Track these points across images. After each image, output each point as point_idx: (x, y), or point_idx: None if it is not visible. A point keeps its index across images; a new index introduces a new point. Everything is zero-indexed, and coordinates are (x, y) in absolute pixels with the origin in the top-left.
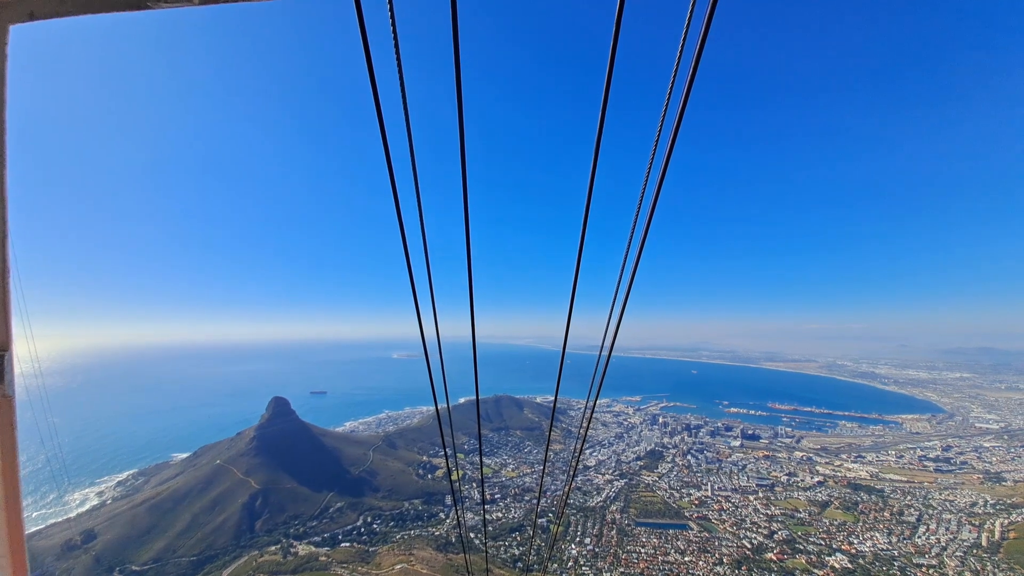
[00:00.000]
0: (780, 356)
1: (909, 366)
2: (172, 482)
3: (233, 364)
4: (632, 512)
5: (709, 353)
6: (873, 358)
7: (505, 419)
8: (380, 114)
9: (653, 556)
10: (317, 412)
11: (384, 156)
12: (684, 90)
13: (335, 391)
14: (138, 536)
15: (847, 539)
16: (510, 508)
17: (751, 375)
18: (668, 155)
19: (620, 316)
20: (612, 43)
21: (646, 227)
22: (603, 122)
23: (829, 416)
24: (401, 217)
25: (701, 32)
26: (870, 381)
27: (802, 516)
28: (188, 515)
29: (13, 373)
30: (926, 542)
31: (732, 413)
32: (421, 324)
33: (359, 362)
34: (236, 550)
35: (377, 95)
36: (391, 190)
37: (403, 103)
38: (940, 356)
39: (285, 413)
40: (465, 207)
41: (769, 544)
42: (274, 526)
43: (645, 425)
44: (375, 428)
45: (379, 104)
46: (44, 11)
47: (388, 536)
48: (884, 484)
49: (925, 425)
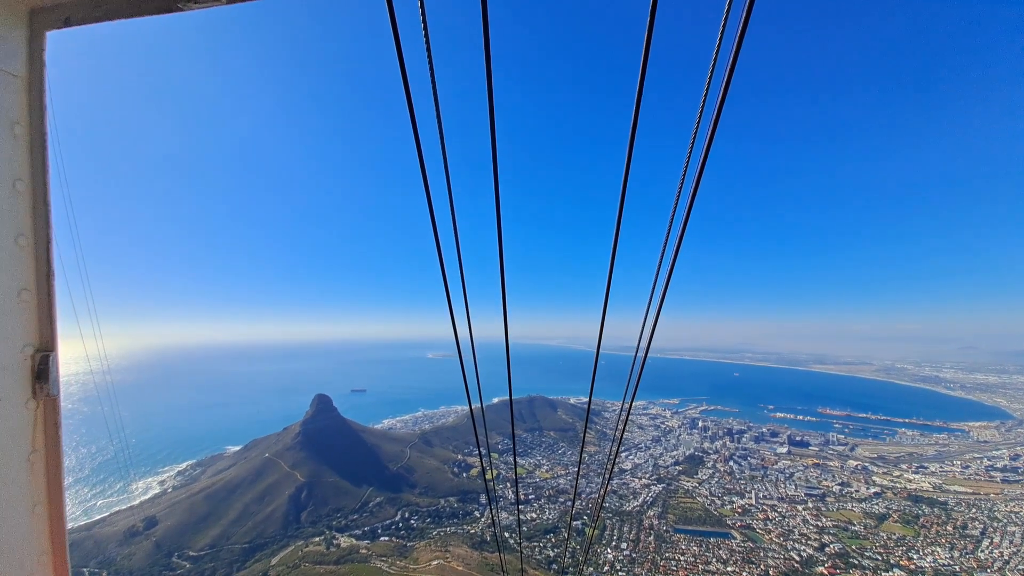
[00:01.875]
0: (830, 358)
1: (976, 369)
2: (225, 473)
3: (278, 363)
4: (670, 518)
5: (752, 355)
6: (936, 361)
7: (539, 420)
8: (413, 115)
9: (693, 564)
10: (357, 409)
11: (417, 157)
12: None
13: (373, 389)
14: (195, 523)
15: (906, 554)
16: (544, 509)
17: (798, 378)
18: (706, 152)
19: (656, 316)
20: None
21: (683, 225)
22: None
23: (887, 423)
24: (434, 218)
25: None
26: (933, 386)
27: (856, 529)
28: (240, 505)
29: (58, 373)
30: (989, 556)
31: (778, 418)
32: (455, 324)
33: (396, 361)
34: (284, 539)
35: (410, 96)
36: (424, 191)
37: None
38: (1010, 358)
39: (327, 410)
40: (497, 206)
41: (820, 557)
42: (318, 518)
43: (684, 429)
44: (412, 426)
45: (411, 104)
46: (78, 17)
47: (425, 532)
48: (948, 496)
49: (993, 433)
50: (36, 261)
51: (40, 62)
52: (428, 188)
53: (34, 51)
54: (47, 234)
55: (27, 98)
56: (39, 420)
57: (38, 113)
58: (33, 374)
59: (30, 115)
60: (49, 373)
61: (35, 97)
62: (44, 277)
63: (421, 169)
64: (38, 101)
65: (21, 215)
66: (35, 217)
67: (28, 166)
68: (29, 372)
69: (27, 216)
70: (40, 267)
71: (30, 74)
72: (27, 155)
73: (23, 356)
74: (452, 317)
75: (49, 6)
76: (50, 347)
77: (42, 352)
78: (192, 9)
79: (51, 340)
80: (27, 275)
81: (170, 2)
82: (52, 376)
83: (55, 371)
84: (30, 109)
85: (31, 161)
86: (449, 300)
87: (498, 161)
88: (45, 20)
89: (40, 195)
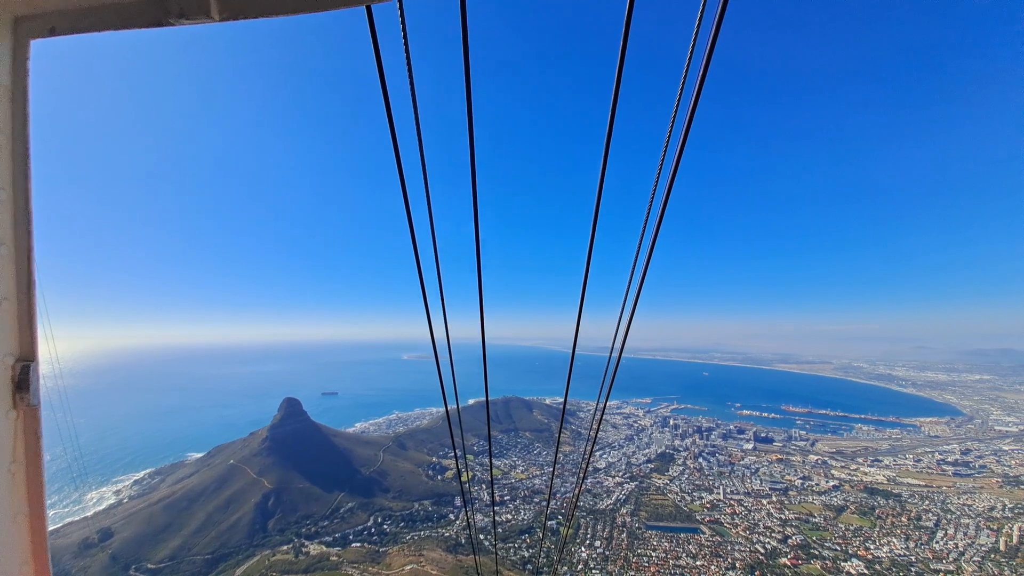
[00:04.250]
0: (794, 358)
1: (928, 368)
2: (187, 481)
3: (246, 365)
4: (643, 515)
5: (721, 355)
6: (890, 360)
7: (515, 420)
8: (390, 114)
9: (664, 560)
10: (328, 413)
11: (394, 157)
12: (695, 87)
13: (346, 392)
14: (154, 534)
15: (863, 544)
16: (520, 510)
17: (764, 377)
18: (679, 154)
19: (631, 317)
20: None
21: (656, 227)
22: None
23: (845, 419)
24: (411, 218)
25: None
26: (887, 383)
27: (817, 521)
28: (203, 514)
29: (39, 383)
30: (944, 547)
31: (744, 416)
32: (431, 324)
33: (370, 363)
34: (249, 549)
35: (387, 95)
36: (401, 192)
37: (413, 103)
38: (959, 358)
39: (297, 414)
40: (475, 207)
41: (783, 549)
42: (286, 525)
43: (656, 427)
44: (385, 429)
45: (389, 104)
46: (64, 27)
47: (398, 537)
48: (901, 488)
49: (944, 428)
50: (17, 271)
51: (24, 71)
52: (405, 188)
53: (18, 60)
54: (28, 244)
55: (10, 107)
56: (20, 430)
57: (21, 122)
58: (14, 384)
59: (13, 124)
60: (30, 383)
61: (18, 106)
62: (25, 287)
63: (398, 169)
64: (21, 110)
65: (3, 225)
66: (16, 227)
67: (10, 176)
68: (10, 382)
69: (8, 226)
70: (21, 277)
71: (13, 83)
72: (9, 164)
73: (3, 366)
74: (428, 318)
75: (35, 15)
76: (31, 357)
77: (23, 362)
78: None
79: (32, 350)
80: (8, 285)
81: (160, 17)
82: (33, 386)
83: (36, 381)
84: (13, 118)
85: (13, 171)
86: (426, 300)
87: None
88: (30, 29)
89: (22, 205)
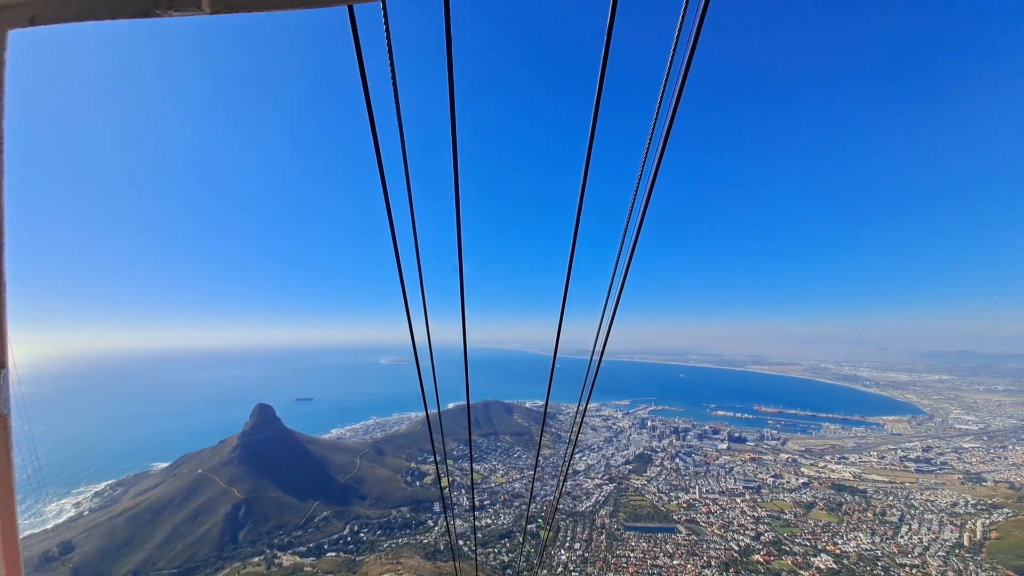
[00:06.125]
0: (765, 359)
1: (889, 368)
2: (151, 492)
3: (216, 370)
4: (621, 516)
5: (696, 357)
6: (855, 361)
7: (495, 424)
8: (372, 117)
9: (642, 560)
10: (303, 419)
11: (376, 160)
12: (675, 94)
13: (322, 397)
14: (116, 548)
15: (832, 539)
16: (500, 514)
17: (737, 378)
18: (659, 159)
19: (611, 320)
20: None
21: (636, 232)
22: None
23: (813, 418)
24: (392, 221)
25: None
26: (852, 384)
27: (788, 517)
28: (168, 526)
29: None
30: (909, 542)
31: (719, 416)
32: (412, 328)
33: (347, 367)
34: (218, 561)
35: (369, 98)
36: (382, 194)
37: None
38: (920, 359)
39: (270, 420)
40: (457, 210)
41: (756, 546)
42: (258, 536)
43: (634, 429)
44: (362, 435)
45: (371, 107)
46: (46, 16)
47: (375, 545)
48: (867, 485)
49: (906, 426)
50: None
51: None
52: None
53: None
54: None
55: None
56: None
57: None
58: None
59: None
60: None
61: None
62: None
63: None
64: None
65: None
66: None
67: None
68: None
69: None
70: None
71: None
72: None
73: None
74: (409, 321)
75: (14, 3)
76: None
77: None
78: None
79: (2, 357)
80: None
81: (147, 7)
82: (4, 395)
83: (7, 389)
84: None
85: None
86: (406, 303)
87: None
88: (9, 17)
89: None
